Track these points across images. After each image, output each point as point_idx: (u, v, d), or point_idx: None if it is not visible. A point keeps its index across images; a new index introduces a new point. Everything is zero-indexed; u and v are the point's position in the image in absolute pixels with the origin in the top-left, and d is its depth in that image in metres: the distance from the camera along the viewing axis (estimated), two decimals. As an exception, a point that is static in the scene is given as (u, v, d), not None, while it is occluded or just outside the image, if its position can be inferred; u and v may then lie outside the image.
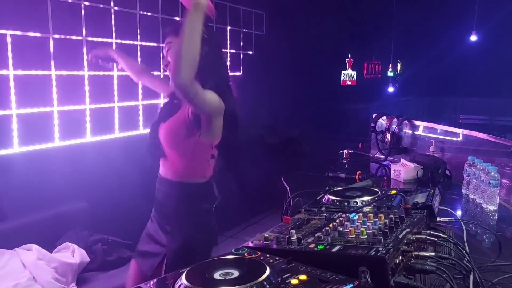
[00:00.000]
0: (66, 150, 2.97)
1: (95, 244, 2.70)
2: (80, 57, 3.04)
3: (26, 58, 2.72)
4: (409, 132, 3.19)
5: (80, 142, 3.07)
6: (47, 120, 2.87)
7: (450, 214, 1.65)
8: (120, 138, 3.36)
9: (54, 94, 2.89)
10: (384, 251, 0.93)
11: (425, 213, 1.26)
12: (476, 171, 2.11)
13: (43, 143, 2.85)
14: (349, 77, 7.37)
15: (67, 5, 2.92)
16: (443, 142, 2.86)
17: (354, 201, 1.41)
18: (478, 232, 1.76)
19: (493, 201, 2.01)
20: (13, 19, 2.63)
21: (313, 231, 1.13)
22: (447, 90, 9.16)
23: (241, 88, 4.72)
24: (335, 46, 6.49)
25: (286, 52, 5.35)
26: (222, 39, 4.43)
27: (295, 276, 0.86)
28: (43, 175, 2.82)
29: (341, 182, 2.52)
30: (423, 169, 2.53)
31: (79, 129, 3.08)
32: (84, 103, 3.09)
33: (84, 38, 3.04)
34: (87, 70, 3.08)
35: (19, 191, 2.69)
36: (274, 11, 5.10)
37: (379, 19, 7.69)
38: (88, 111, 3.12)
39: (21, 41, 2.68)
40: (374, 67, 8.43)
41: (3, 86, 2.63)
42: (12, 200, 2.64)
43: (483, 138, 2.57)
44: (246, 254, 1.00)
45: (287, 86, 5.38)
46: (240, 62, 4.75)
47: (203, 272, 0.89)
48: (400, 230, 1.08)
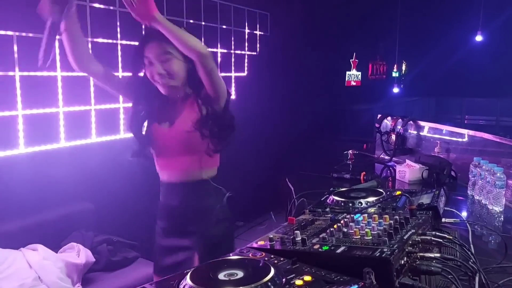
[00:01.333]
0: (72, 151, 2.98)
1: (100, 244, 2.70)
2: (85, 58, 3.05)
3: (32, 59, 2.73)
4: (414, 132, 3.18)
5: (85, 143, 3.08)
6: (52, 121, 2.89)
7: (456, 215, 1.65)
8: (125, 139, 3.37)
9: (60, 95, 2.90)
10: (389, 252, 0.92)
11: (430, 214, 1.25)
12: (482, 172, 2.10)
13: (48, 143, 2.87)
14: (353, 77, 7.36)
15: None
16: (449, 143, 2.85)
17: (358, 202, 1.41)
18: (483, 233, 1.75)
19: (499, 202, 2.00)
20: (18, 20, 2.64)
21: (317, 232, 1.13)
22: (452, 90, 9.13)
23: (245, 88, 4.74)
24: (340, 47, 6.48)
25: (291, 52, 5.35)
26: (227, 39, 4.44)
27: (299, 277, 0.86)
28: (49, 176, 2.83)
29: (345, 183, 2.51)
30: (428, 170, 2.52)
31: (85, 129, 3.09)
32: (89, 104, 3.10)
33: (90, 39, 3.05)
34: (92, 71, 3.09)
35: (24, 191, 2.70)
36: (278, 12, 5.11)
37: (384, 19, 7.67)
38: (94, 112, 3.13)
39: (27, 42, 2.70)
40: (379, 68, 8.41)
41: (9, 87, 2.64)
42: (17, 201, 2.65)
43: (489, 138, 2.55)
44: (250, 254, 1.00)
45: (291, 86, 5.38)
46: (244, 63, 4.76)
47: (208, 272, 0.89)
48: (405, 231, 1.08)
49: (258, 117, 4.80)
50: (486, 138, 2.57)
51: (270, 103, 4.98)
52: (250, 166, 4.28)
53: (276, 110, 5.11)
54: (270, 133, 4.98)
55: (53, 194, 2.81)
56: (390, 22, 7.73)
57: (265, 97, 4.90)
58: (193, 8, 3.96)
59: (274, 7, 5.02)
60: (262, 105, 4.86)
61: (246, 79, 4.77)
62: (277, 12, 5.09)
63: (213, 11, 4.22)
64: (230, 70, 4.54)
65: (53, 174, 2.85)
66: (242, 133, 4.03)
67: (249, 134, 4.52)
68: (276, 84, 5.08)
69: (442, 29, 8.56)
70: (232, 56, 4.54)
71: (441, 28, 8.60)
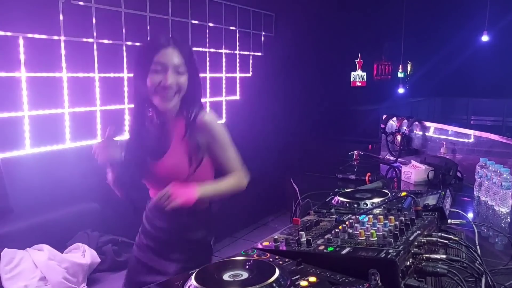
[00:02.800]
0: (77, 151, 3.00)
1: (106, 244, 2.71)
2: (91, 59, 3.07)
3: (38, 60, 2.75)
4: (419, 133, 3.16)
5: (91, 143, 3.10)
6: (58, 121, 2.90)
7: (462, 216, 1.64)
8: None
9: (65, 96, 2.92)
10: (394, 254, 0.92)
11: (436, 215, 1.25)
12: (488, 173, 2.08)
13: (54, 144, 2.88)
14: (359, 78, 7.34)
15: (78, 8, 2.95)
16: (454, 144, 2.84)
17: (364, 203, 1.41)
18: (490, 235, 1.74)
19: (506, 203, 1.98)
20: (24, 22, 2.66)
21: (322, 233, 1.12)
22: (458, 91, 9.09)
23: (250, 89, 4.74)
24: (345, 47, 6.47)
25: (296, 53, 5.35)
26: (232, 40, 4.44)
27: (304, 278, 0.86)
28: (54, 176, 2.85)
29: (350, 184, 2.50)
30: (434, 170, 2.51)
31: (90, 130, 3.11)
32: (94, 104, 3.12)
33: (95, 40, 3.07)
34: (97, 72, 3.11)
35: (30, 191, 2.72)
36: (283, 13, 5.11)
37: (389, 19, 7.64)
38: (99, 113, 3.15)
39: (33, 44, 2.71)
40: (384, 68, 8.38)
41: (15, 88, 2.66)
42: (23, 201, 2.67)
43: (495, 139, 2.54)
44: (255, 255, 1.00)
45: (296, 87, 5.38)
46: (249, 64, 4.76)
47: (213, 273, 0.89)
48: (410, 232, 1.07)
49: (263, 118, 4.80)
50: (493, 139, 2.56)
51: (275, 103, 4.98)
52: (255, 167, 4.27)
53: (281, 111, 5.11)
54: (275, 133, 4.98)
55: (59, 194, 2.82)
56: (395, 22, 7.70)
57: (270, 98, 4.90)
58: (198, 9, 3.97)
59: (279, 8, 5.03)
60: (267, 106, 4.86)
61: (251, 80, 4.77)
62: (282, 13, 5.09)
63: (218, 11, 4.23)
64: (235, 71, 4.55)
65: (58, 174, 2.86)
66: (247, 134, 4.05)
67: (254, 134, 4.52)
68: (281, 84, 5.08)
69: (447, 29, 8.52)
70: (237, 57, 4.54)
71: (446, 28, 8.56)
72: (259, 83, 4.81)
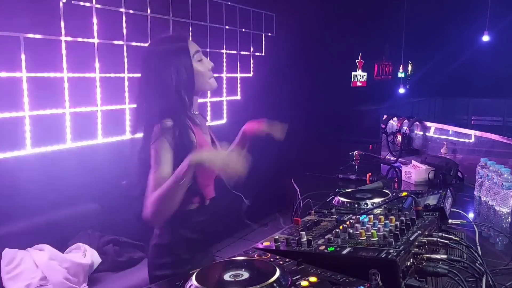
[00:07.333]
0: (78, 152, 3.00)
1: (107, 244, 2.72)
2: (91, 59, 3.07)
3: (39, 61, 2.76)
4: (420, 133, 3.16)
5: (91, 143, 3.10)
6: (59, 121, 2.90)
7: (462, 217, 1.63)
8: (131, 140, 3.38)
9: (66, 96, 2.92)
10: (395, 254, 0.92)
11: (436, 215, 1.25)
12: (489, 173, 2.08)
13: (55, 144, 2.88)
14: (359, 78, 7.35)
15: (79, 8, 2.95)
16: (455, 144, 2.83)
17: (364, 203, 1.41)
18: (490, 235, 1.74)
19: (506, 204, 1.98)
20: (25, 22, 2.66)
21: (323, 233, 1.13)
22: (458, 91, 9.09)
23: (251, 89, 4.74)
24: (346, 47, 6.47)
25: (296, 53, 5.34)
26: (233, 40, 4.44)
27: (305, 278, 0.86)
28: (55, 176, 2.85)
29: (351, 184, 2.50)
30: (434, 171, 2.51)
31: (91, 130, 3.11)
32: (95, 105, 3.12)
33: (96, 41, 3.07)
34: (98, 72, 3.11)
35: (31, 192, 2.72)
36: (284, 13, 5.11)
37: (390, 19, 7.64)
38: (100, 113, 3.15)
39: (34, 44, 2.72)
40: (385, 68, 8.39)
41: (16, 88, 2.66)
42: (24, 201, 2.67)
43: (496, 139, 2.54)
44: (256, 255, 1.00)
45: (297, 87, 5.38)
46: (250, 64, 4.76)
47: (213, 273, 0.89)
48: (411, 232, 1.07)
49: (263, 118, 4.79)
50: (493, 139, 2.56)
51: (276, 104, 4.97)
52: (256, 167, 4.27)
53: (282, 111, 5.10)
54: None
55: (60, 194, 2.82)
56: (396, 23, 7.71)
57: (271, 98, 4.89)
58: (198, 9, 3.97)
59: (280, 8, 5.03)
60: (268, 106, 4.85)
61: (252, 80, 4.78)
62: (283, 13, 5.09)
63: (218, 12, 4.23)
64: (235, 71, 4.55)
65: (59, 174, 2.86)
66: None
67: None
68: (281, 85, 5.08)
69: (448, 29, 8.52)
70: (237, 57, 4.54)
71: (447, 28, 8.56)
72: (260, 83, 4.81)
